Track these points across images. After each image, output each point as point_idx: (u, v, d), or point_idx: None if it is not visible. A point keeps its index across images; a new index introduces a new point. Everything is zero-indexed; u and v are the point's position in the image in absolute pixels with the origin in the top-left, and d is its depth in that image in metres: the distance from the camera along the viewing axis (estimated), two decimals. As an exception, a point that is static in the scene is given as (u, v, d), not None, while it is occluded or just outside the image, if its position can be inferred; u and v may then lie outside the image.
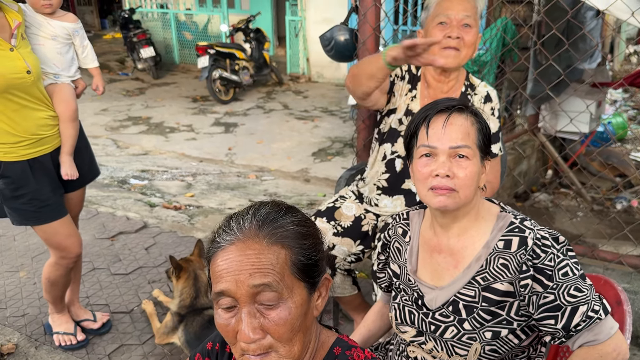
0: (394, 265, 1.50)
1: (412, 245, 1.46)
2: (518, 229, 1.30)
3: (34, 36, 2.19)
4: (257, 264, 0.92)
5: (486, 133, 1.34)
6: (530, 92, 4.17)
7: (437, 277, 1.39)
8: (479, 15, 1.93)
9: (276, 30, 12.46)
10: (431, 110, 1.33)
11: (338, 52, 2.89)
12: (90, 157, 2.50)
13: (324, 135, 6.99)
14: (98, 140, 6.71)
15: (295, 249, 0.96)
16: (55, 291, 2.46)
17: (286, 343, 0.93)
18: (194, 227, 3.88)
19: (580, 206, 4.48)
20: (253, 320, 0.91)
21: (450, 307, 1.34)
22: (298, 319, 0.94)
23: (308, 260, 0.97)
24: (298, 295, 0.95)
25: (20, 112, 2.09)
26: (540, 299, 1.24)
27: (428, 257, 1.41)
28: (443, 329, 1.35)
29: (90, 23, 16.97)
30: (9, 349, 2.47)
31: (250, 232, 0.94)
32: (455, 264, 1.36)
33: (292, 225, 0.97)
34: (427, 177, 1.31)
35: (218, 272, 0.94)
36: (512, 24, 4.44)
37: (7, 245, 3.51)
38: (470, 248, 1.34)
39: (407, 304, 1.44)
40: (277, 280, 0.92)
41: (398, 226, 1.51)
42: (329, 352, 1.03)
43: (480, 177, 1.33)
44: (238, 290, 0.91)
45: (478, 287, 1.31)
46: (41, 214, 2.22)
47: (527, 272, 1.24)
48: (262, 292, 0.91)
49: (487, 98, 2.04)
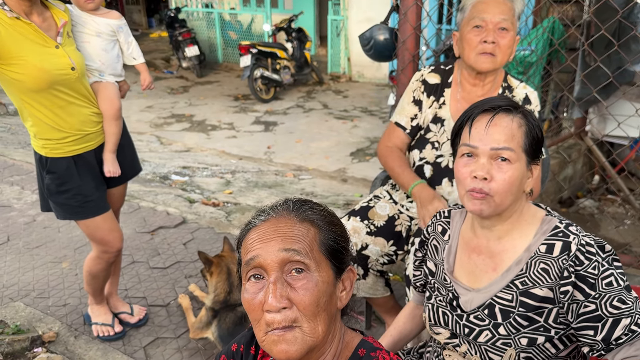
0: (430, 263, 1.47)
1: (451, 244, 1.43)
2: (562, 234, 1.25)
3: (80, 34, 2.26)
4: (289, 233, 0.96)
5: (535, 136, 1.27)
6: (578, 94, 4.03)
7: (474, 278, 1.35)
8: (516, 18, 1.87)
9: (318, 29, 12.51)
10: (477, 109, 1.29)
11: (377, 52, 2.86)
12: (132, 154, 2.55)
13: (362, 135, 6.96)
14: (142, 136, 6.88)
15: (324, 229, 1.00)
16: (96, 283, 2.53)
17: (311, 319, 0.93)
18: (231, 223, 3.93)
19: (627, 214, 4.31)
20: (280, 288, 0.92)
21: (485, 311, 1.31)
22: (324, 295, 0.95)
23: (336, 244, 1.00)
24: (325, 272, 0.97)
25: (66, 109, 2.15)
26: (581, 308, 1.19)
27: (466, 258, 1.38)
28: (477, 333, 1.32)
29: (138, 22, 17.41)
30: (50, 337, 2.55)
31: (282, 212, 1.00)
32: (494, 267, 1.32)
33: (320, 211, 1.03)
34: (465, 177, 1.27)
35: (249, 243, 0.97)
36: (560, 24, 4.31)
37: (51, 237, 3.64)
38: (510, 251, 1.30)
39: (441, 304, 1.40)
40: (306, 250, 0.95)
41: (438, 224, 1.48)
42: (353, 353, 1.02)
43: (524, 181, 1.28)
44: (268, 257, 0.93)
45: (516, 291, 1.27)
46: (84, 209, 2.28)
47: (569, 278, 1.19)
48: (291, 261, 0.93)
49: (526, 100, 1.98)
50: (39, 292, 2.98)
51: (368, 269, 2.13)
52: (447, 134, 2.02)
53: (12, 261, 3.32)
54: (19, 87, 2.04)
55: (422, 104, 2.08)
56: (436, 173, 2.04)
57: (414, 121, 2.10)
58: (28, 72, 2.00)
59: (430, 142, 2.05)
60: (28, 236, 3.65)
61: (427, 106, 2.06)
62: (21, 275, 3.16)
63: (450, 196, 2.03)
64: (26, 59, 1.98)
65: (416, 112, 2.09)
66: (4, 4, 1.95)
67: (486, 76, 1.94)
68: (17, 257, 3.36)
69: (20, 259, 3.35)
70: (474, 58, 1.86)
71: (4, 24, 1.94)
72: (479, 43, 1.83)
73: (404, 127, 2.12)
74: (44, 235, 3.66)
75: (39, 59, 2.00)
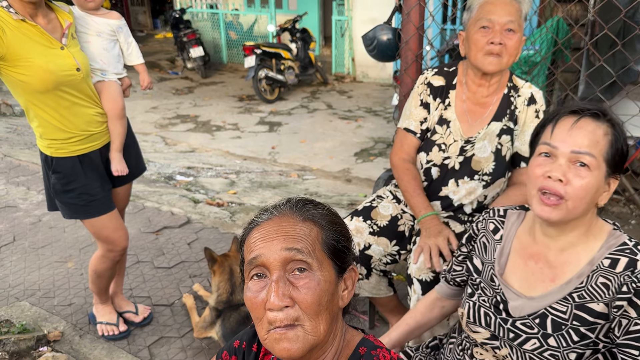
0: (477, 260, 1.43)
1: (504, 246, 1.37)
2: (630, 251, 1.20)
3: (82, 34, 2.28)
4: (291, 232, 0.96)
5: (619, 148, 1.20)
6: (582, 94, 4.01)
7: (528, 285, 1.30)
8: (523, 19, 1.87)
9: (323, 30, 12.51)
10: (563, 110, 1.24)
11: (380, 52, 2.87)
12: (137, 154, 2.57)
13: (366, 135, 6.96)
14: (148, 137, 6.90)
15: (327, 228, 1.00)
16: (101, 283, 2.54)
17: (313, 317, 0.94)
18: (235, 224, 3.94)
19: (632, 214, 4.29)
20: (283, 286, 0.93)
21: (537, 320, 1.26)
22: (326, 294, 0.95)
23: (338, 243, 1.01)
24: (327, 272, 0.97)
25: (71, 109, 2.17)
26: (630, 325, 1.14)
27: (521, 263, 1.33)
28: (524, 339, 1.27)
29: (143, 23, 17.47)
30: (56, 336, 2.57)
31: (285, 211, 1.01)
32: (553, 278, 1.27)
33: (323, 210, 1.04)
34: (538, 176, 1.22)
35: (252, 242, 0.98)
36: (565, 23, 4.30)
37: (57, 237, 3.66)
38: (573, 264, 1.25)
39: (485, 305, 1.36)
40: (309, 250, 0.95)
41: (490, 221, 1.42)
42: (354, 352, 1.03)
43: (600, 193, 1.22)
44: (271, 255, 0.94)
45: (572, 304, 1.22)
46: (90, 208, 2.30)
47: (626, 293, 1.15)
48: (293, 260, 0.94)
49: (531, 100, 1.98)
50: (44, 291, 3.00)
51: (371, 269, 2.14)
52: (453, 136, 2.02)
53: (18, 261, 3.34)
54: (25, 88, 2.06)
55: (430, 106, 2.08)
56: (443, 174, 2.05)
57: (423, 125, 2.09)
58: (34, 73, 2.01)
59: (437, 144, 2.05)
60: (34, 236, 3.67)
61: (433, 108, 2.07)
62: (27, 274, 3.18)
63: (456, 195, 2.04)
64: (32, 61, 2.00)
65: (425, 115, 2.09)
66: (9, 7, 1.96)
67: (492, 76, 1.94)
68: (22, 257, 3.39)
69: (26, 258, 3.37)
70: (480, 59, 1.86)
71: (10, 26, 1.95)
72: (486, 44, 1.83)
73: (414, 131, 2.11)
74: (49, 235, 3.69)
75: (45, 61, 2.02)
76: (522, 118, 1.98)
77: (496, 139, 1.98)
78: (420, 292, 1.87)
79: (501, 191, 2.06)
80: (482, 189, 2.01)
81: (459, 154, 2.01)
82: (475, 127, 2.00)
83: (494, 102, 1.99)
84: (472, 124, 2.01)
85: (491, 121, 1.99)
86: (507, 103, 1.99)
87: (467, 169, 2.01)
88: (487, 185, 2.01)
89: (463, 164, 2.01)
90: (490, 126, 1.98)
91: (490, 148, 1.98)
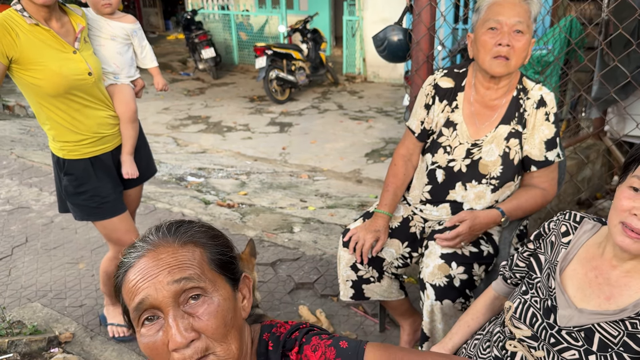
0: (542, 257, 1.40)
1: (570, 251, 1.35)
2: None
3: (96, 38, 2.28)
4: (174, 262, 0.89)
5: None
6: (595, 94, 3.96)
7: (582, 296, 1.28)
8: (532, 20, 1.83)
9: (333, 30, 12.50)
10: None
11: (391, 53, 2.85)
12: (147, 156, 2.57)
13: (377, 136, 6.94)
14: (159, 138, 6.93)
15: (209, 245, 0.95)
16: (112, 284, 2.54)
17: (222, 341, 0.89)
18: (246, 225, 3.94)
19: (648, 215, 4.23)
20: (182, 322, 0.87)
21: (582, 333, 1.23)
22: (228, 313, 0.91)
23: (224, 256, 0.96)
24: (223, 289, 0.93)
25: (82, 112, 2.18)
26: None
27: (582, 272, 1.30)
28: (564, 348, 1.25)
29: (155, 24, 17.58)
30: (67, 337, 2.58)
31: (159, 240, 0.93)
32: (609, 296, 1.24)
33: (199, 228, 0.98)
34: (624, 210, 1.18)
35: (132, 286, 0.89)
36: (578, 23, 4.24)
37: (69, 238, 3.68)
38: (633, 289, 1.22)
39: (535, 305, 1.34)
40: (198, 274, 0.89)
41: (563, 223, 1.39)
42: (259, 341, 1.02)
43: None
44: (159, 294, 0.87)
45: (624, 331, 1.19)
46: (102, 210, 2.31)
47: None
48: (185, 290, 0.88)
49: (541, 102, 1.94)
50: (56, 292, 3.02)
51: (383, 272, 2.12)
52: (460, 138, 2.00)
53: (30, 262, 3.36)
54: (37, 91, 2.07)
55: (431, 108, 2.06)
56: (449, 177, 2.02)
57: (422, 125, 2.10)
58: (47, 77, 2.02)
59: (443, 146, 2.03)
60: (46, 237, 3.70)
61: (439, 110, 2.05)
62: (39, 276, 3.20)
63: (464, 199, 2.01)
64: (45, 65, 2.01)
65: (425, 116, 2.09)
66: (23, 10, 1.98)
67: (500, 79, 1.90)
68: (35, 258, 3.41)
69: (38, 259, 3.40)
70: (488, 62, 1.83)
71: (24, 31, 1.97)
72: (494, 46, 1.80)
73: (414, 131, 2.13)
74: (61, 236, 3.71)
75: (58, 65, 2.03)
76: (531, 121, 1.94)
77: (504, 142, 1.95)
78: (434, 297, 1.85)
79: (511, 194, 2.03)
80: (491, 193, 1.99)
81: (465, 156, 1.98)
82: (483, 130, 1.97)
83: (503, 105, 1.96)
84: (479, 126, 1.98)
85: (499, 124, 1.95)
86: (516, 106, 1.95)
87: (474, 172, 1.98)
88: (495, 189, 1.99)
89: (470, 167, 1.99)
90: (498, 129, 1.95)
91: (497, 151, 1.95)
